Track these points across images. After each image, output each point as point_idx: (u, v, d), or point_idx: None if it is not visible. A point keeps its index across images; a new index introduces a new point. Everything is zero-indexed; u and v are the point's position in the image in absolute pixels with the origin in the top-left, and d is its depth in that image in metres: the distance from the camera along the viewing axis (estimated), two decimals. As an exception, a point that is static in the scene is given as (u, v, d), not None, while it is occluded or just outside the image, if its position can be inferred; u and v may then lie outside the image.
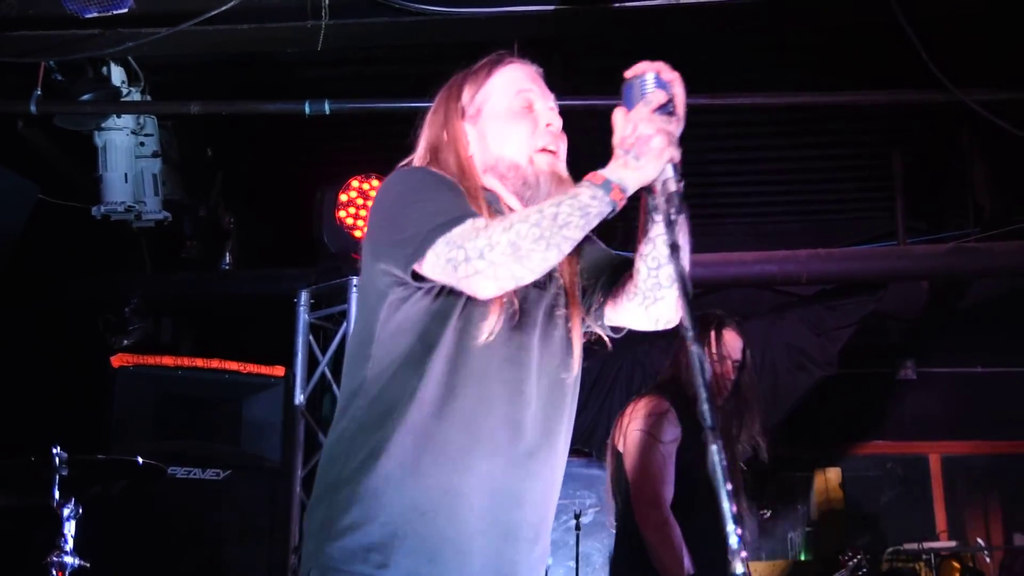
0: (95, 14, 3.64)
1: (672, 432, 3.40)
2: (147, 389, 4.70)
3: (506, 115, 2.16)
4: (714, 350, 3.57)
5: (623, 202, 1.89)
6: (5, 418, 4.99)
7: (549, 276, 2.03)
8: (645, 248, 2.05)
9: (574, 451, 2.06)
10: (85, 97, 4.75)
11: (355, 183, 5.41)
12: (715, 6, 4.09)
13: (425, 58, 5.12)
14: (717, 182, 6.10)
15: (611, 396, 6.56)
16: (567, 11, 4.15)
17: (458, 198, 1.98)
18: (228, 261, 6.11)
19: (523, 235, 1.82)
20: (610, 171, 1.89)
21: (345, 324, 5.14)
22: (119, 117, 5.07)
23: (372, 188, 5.41)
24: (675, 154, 1.89)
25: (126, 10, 3.64)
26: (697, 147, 5.58)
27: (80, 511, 3.42)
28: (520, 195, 2.11)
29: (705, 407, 1.63)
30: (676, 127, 1.93)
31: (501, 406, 1.96)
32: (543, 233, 1.83)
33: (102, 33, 4.24)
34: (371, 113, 4.94)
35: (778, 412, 6.44)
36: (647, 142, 1.88)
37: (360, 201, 5.40)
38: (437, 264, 1.88)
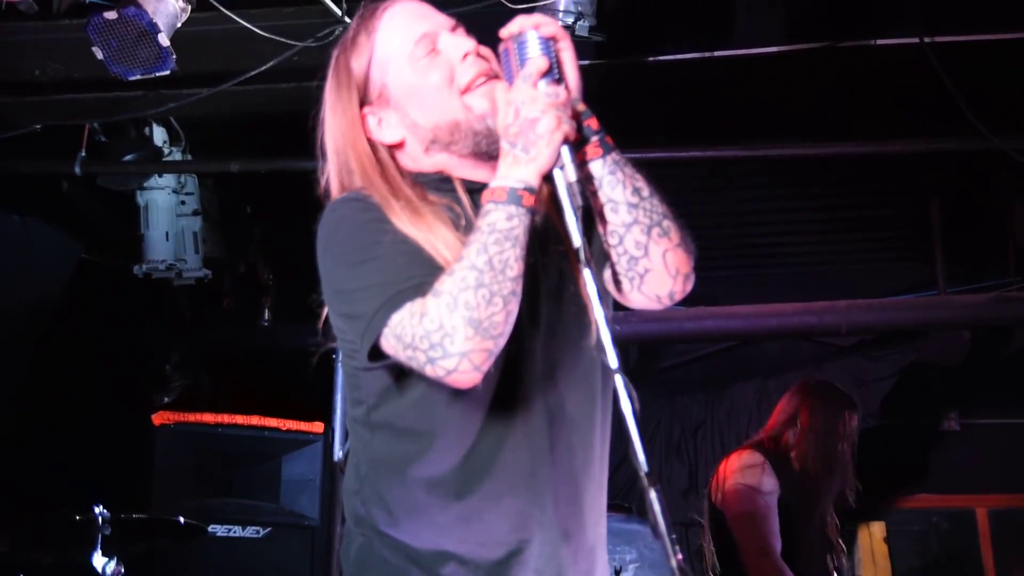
0: (139, 76, 3.70)
1: (770, 484, 3.42)
2: (188, 446, 4.72)
3: (414, 77, 1.78)
4: (841, 431, 3.62)
5: (537, 202, 1.62)
6: (48, 476, 5.02)
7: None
8: (600, 228, 1.73)
9: (613, 506, 1.95)
10: (128, 157, 4.84)
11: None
12: (748, 58, 4.11)
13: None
14: (752, 232, 6.08)
15: (649, 451, 6.50)
16: (600, 65, 4.18)
17: (395, 251, 1.67)
18: (267, 316, 6.15)
19: (473, 305, 1.53)
20: (507, 176, 1.60)
21: (383, 379, 5.14)
22: (161, 176, 5.15)
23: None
24: (569, 131, 1.62)
25: (168, 72, 3.70)
26: (733, 198, 5.58)
27: (122, 570, 3.43)
28: (476, 149, 1.77)
29: (638, 445, 1.54)
30: (567, 97, 1.65)
31: (516, 426, 1.73)
32: (492, 289, 1.54)
33: (145, 95, 4.32)
34: (408, 168, 4.98)
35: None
36: (533, 127, 1.59)
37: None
38: (396, 356, 1.63)
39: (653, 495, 1.50)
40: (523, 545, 1.73)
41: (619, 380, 1.55)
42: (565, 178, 1.61)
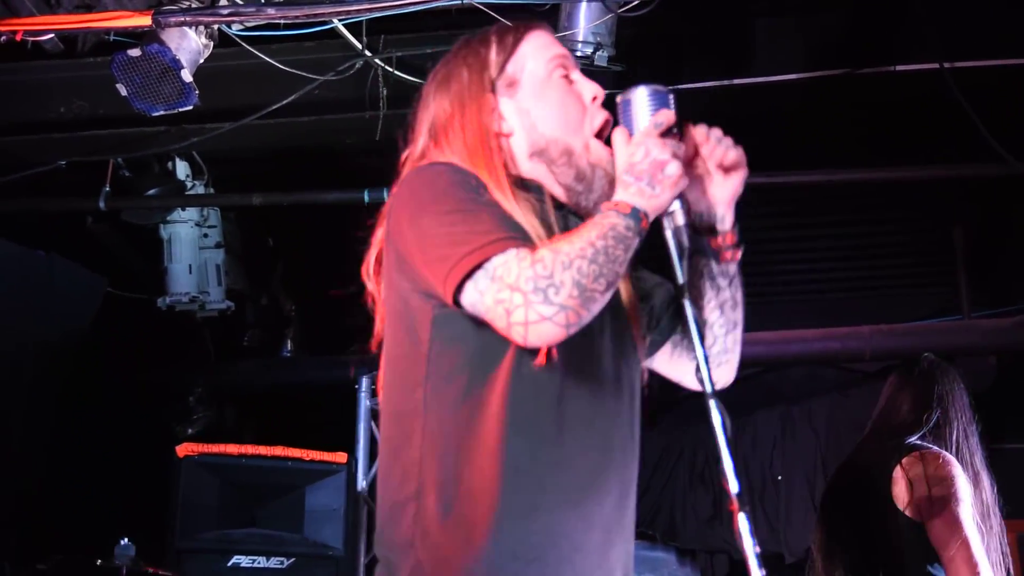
0: (162, 112, 3.74)
1: (969, 491, 3.27)
2: (211, 478, 4.72)
3: (549, 89, 1.89)
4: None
5: (646, 231, 1.70)
6: (74, 508, 5.04)
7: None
8: (711, 315, 1.89)
9: (638, 534, 1.95)
10: (151, 192, 4.88)
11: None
12: (768, 86, 4.11)
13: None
14: (776, 259, 6.07)
15: (674, 478, 6.48)
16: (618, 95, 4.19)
17: (493, 209, 1.72)
18: (289, 348, 6.18)
19: (585, 273, 1.60)
20: (630, 199, 1.68)
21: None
22: (184, 210, 5.19)
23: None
24: (685, 182, 1.72)
25: (191, 107, 3.74)
26: (756, 225, 5.57)
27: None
28: (569, 189, 1.85)
29: (729, 469, 1.60)
30: (684, 152, 1.75)
31: (586, 427, 1.74)
32: (602, 270, 1.61)
33: (168, 130, 4.37)
34: (429, 200, 5.00)
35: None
36: (661, 168, 1.69)
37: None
38: (480, 302, 1.64)
39: (742, 518, 1.55)
40: (581, 544, 1.73)
41: (713, 406, 1.65)
42: (674, 221, 1.73)
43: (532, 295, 1.59)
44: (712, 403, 1.64)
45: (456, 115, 1.87)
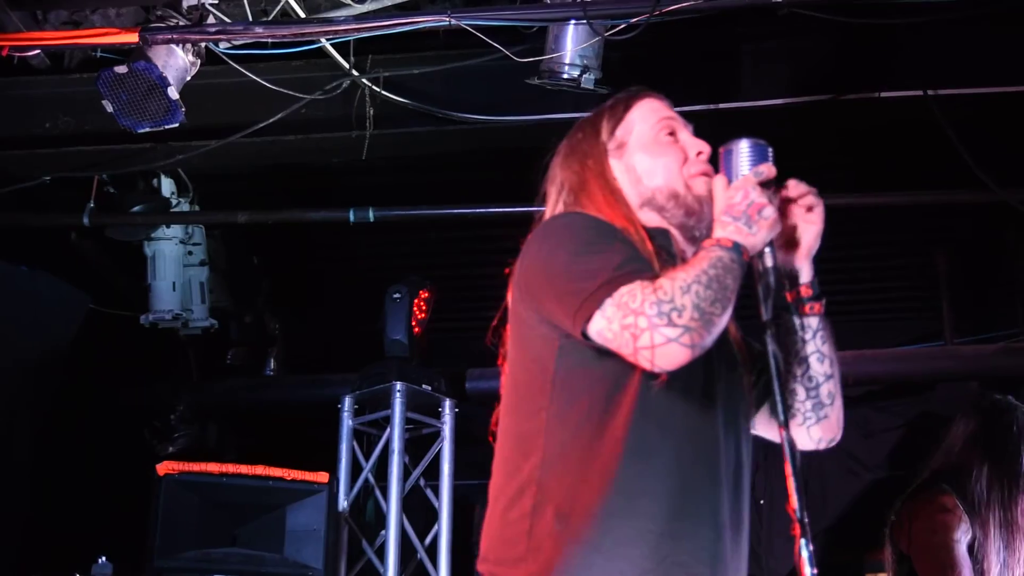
0: (148, 129, 3.74)
1: (964, 528, 3.26)
2: (192, 496, 4.69)
3: (653, 145, 2.06)
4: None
5: (746, 266, 1.83)
6: (54, 525, 5.00)
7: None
8: (799, 368, 2.00)
9: None
10: (136, 209, 4.88)
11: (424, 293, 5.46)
12: (753, 110, 4.13)
13: (468, 165, 5.20)
14: (759, 284, 6.08)
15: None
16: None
17: (624, 248, 1.86)
18: (273, 367, 6.15)
19: (703, 297, 1.71)
20: (731, 236, 1.82)
21: (389, 430, 5.13)
22: (168, 227, 5.18)
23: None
24: (779, 226, 1.87)
25: (177, 124, 3.74)
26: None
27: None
28: (683, 227, 2.01)
29: (795, 498, 1.68)
30: (779, 201, 1.90)
31: (701, 462, 1.84)
32: (717, 296, 1.73)
33: (154, 147, 4.36)
34: (414, 219, 5.01)
35: (827, 517, 6.31)
36: (759, 211, 1.83)
37: (423, 307, 5.45)
38: (608, 330, 1.75)
39: (803, 543, 1.68)
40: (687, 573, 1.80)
41: (784, 435, 1.75)
42: (764, 263, 1.86)
43: (656, 319, 1.70)
44: (783, 433, 1.75)
45: (582, 178, 2.06)
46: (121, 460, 5.48)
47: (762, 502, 6.33)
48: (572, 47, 3.69)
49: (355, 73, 4.17)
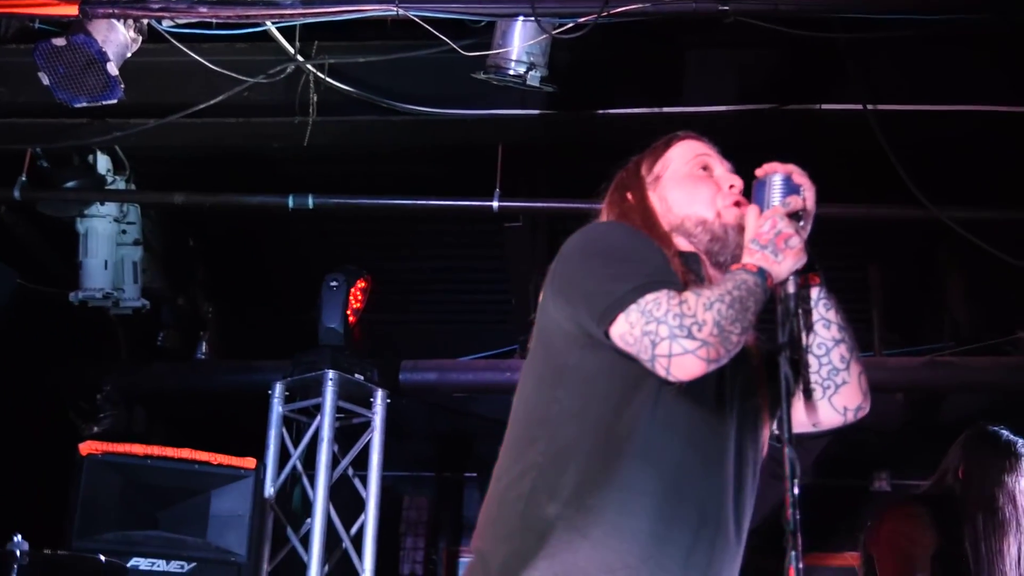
0: (85, 104, 3.67)
1: (928, 537, 3.32)
2: (114, 477, 4.62)
3: (687, 178, 2.16)
4: (1006, 486, 3.47)
5: (770, 290, 1.93)
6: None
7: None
8: (808, 339, 2.07)
9: None
10: (70, 185, 4.79)
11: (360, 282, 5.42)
12: (697, 116, 4.16)
13: (410, 157, 5.18)
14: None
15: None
16: (552, 116, 4.22)
17: (657, 260, 1.96)
18: (204, 351, 6.08)
19: (724, 315, 1.80)
20: (758, 262, 1.92)
21: (319, 418, 5.10)
22: (103, 205, 5.09)
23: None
24: (804, 258, 1.95)
25: (116, 101, 3.67)
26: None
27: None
28: (709, 252, 2.09)
29: (791, 511, 1.76)
30: (805, 233, 2.00)
31: (705, 468, 1.91)
32: (737, 316, 1.82)
33: (90, 123, 4.29)
34: (354, 209, 4.98)
35: (752, 521, 6.38)
36: (786, 240, 1.93)
37: (359, 297, 5.42)
38: (630, 334, 1.83)
39: (793, 556, 1.76)
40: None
41: (787, 452, 1.83)
42: (787, 289, 1.95)
43: (677, 330, 1.79)
44: (787, 450, 1.83)
45: (623, 208, 2.16)
46: (43, 439, 5.39)
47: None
48: (519, 43, 3.69)
49: (300, 59, 4.13)
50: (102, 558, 3.45)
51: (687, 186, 2.15)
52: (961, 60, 4.17)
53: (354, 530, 5.14)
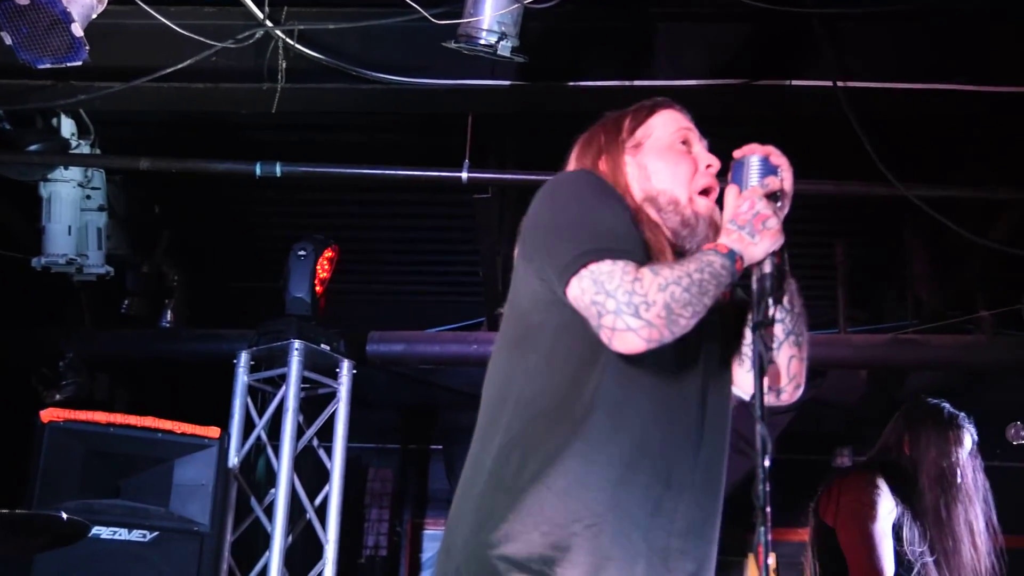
0: (49, 65, 3.60)
1: (887, 507, 3.35)
2: (76, 445, 4.58)
3: (667, 151, 2.15)
4: (952, 456, 3.49)
5: (740, 273, 1.94)
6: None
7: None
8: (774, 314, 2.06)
9: None
10: (33, 147, 4.71)
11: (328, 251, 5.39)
12: (667, 89, 4.14)
13: (379, 126, 5.15)
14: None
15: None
16: (521, 87, 4.19)
17: (621, 223, 1.96)
18: (169, 319, 6.03)
19: (676, 298, 1.82)
20: (730, 243, 1.93)
21: (284, 387, 5.08)
22: (67, 169, 5.02)
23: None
24: (782, 239, 1.96)
25: (80, 63, 3.61)
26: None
27: (-2, 570, 3.31)
28: (676, 233, 2.09)
29: (761, 487, 1.77)
30: (783, 213, 2.01)
31: (669, 420, 1.93)
32: (691, 300, 1.83)
33: (55, 85, 4.22)
34: (322, 177, 4.94)
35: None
36: (763, 221, 1.94)
37: (326, 267, 5.39)
38: (580, 299, 1.86)
39: (762, 531, 1.76)
40: (644, 524, 1.88)
41: (759, 429, 1.83)
42: (763, 269, 1.95)
43: (624, 306, 1.81)
44: (758, 427, 1.84)
45: (597, 165, 2.15)
46: (5, 406, 5.33)
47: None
48: (491, 13, 3.65)
49: (269, 24, 4.07)
50: (64, 515, 3.41)
51: (668, 159, 2.14)
52: (933, 39, 4.18)
53: (318, 501, 5.13)
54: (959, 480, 3.46)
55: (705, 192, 2.13)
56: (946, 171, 5.05)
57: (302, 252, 5.27)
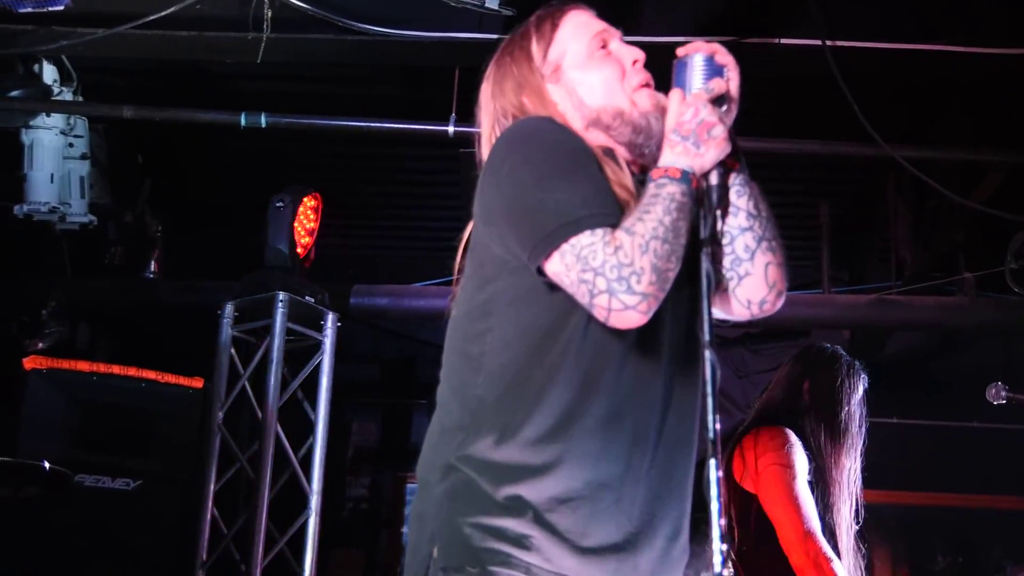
0: (30, 9, 3.57)
1: (803, 462, 3.31)
2: (59, 394, 4.59)
3: (588, 63, 2.00)
4: (845, 399, 3.49)
5: (696, 194, 1.80)
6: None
7: None
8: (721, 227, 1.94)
9: None
10: (14, 94, 4.67)
11: (310, 200, 5.36)
12: (655, 46, 4.10)
13: (365, 78, 5.11)
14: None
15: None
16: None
17: (590, 175, 1.81)
18: (153, 270, 6.01)
19: (660, 254, 1.71)
20: (677, 160, 1.79)
21: (268, 339, 5.07)
22: (48, 116, 4.97)
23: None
24: (728, 147, 1.83)
25: (62, 8, 3.57)
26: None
27: (-20, 516, 3.33)
28: (632, 144, 1.95)
29: (711, 418, 1.68)
30: (731, 117, 1.86)
31: (639, 383, 1.83)
32: (672, 248, 1.72)
33: (36, 30, 4.17)
34: (307, 129, 4.91)
35: (699, 453, 6.48)
36: (708, 129, 1.80)
37: (311, 216, 5.37)
38: (565, 276, 1.73)
39: (713, 463, 1.68)
40: (625, 497, 1.81)
41: (707, 355, 1.73)
42: (710, 181, 1.83)
43: (616, 283, 1.69)
44: (705, 353, 1.73)
45: (523, 110, 1.99)
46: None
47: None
48: (479, -35, 3.63)
49: (256, -28, 4.04)
50: (46, 465, 3.42)
51: (593, 71, 1.99)
52: (921, -1, 4.17)
53: (302, 453, 5.14)
54: (852, 428, 3.46)
55: (641, 87, 1.99)
56: (931, 132, 5.05)
57: (280, 203, 5.24)
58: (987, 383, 3.91)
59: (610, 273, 1.69)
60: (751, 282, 1.95)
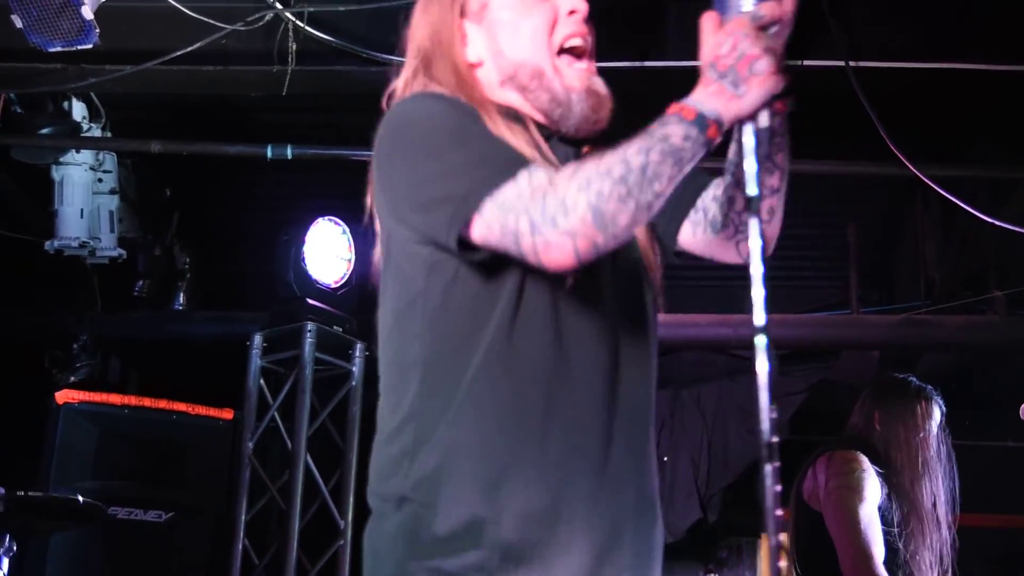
0: (59, 48, 3.61)
1: (874, 488, 3.32)
2: (91, 427, 4.62)
3: (518, 6, 1.74)
4: (920, 428, 3.45)
5: (718, 140, 1.52)
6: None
7: None
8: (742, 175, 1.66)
9: None
10: (44, 131, 4.73)
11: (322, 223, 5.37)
12: (680, 71, 4.14)
13: (390, 108, 5.12)
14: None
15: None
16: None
17: (485, 136, 1.61)
18: (181, 302, 6.05)
19: (606, 195, 1.45)
20: (702, 101, 1.50)
21: (297, 369, 5.08)
22: (78, 152, 5.04)
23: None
24: (779, 84, 1.50)
25: (91, 46, 3.61)
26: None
27: (15, 549, 3.34)
28: (548, 114, 1.73)
29: (765, 420, 1.52)
30: (781, 42, 1.54)
31: (575, 369, 1.63)
32: (630, 190, 1.46)
33: (65, 68, 4.23)
34: (333, 160, 4.94)
35: (727, 476, 6.44)
36: (749, 64, 1.48)
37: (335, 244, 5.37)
38: (490, 233, 1.52)
39: (768, 470, 1.56)
40: (588, 491, 1.65)
41: (762, 342, 1.59)
42: (757, 124, 1.53)
43: (539, 220, 1.48)
44: (762, 339, 1.59)
45: (435, 46, 1.76)
46: (19, 388, 5.36)
47: (666, 459, 6.43)
48: (501, -6, 3.64)
49: (279, 6, 4.08)
50: (80, 499, 3.44)
51: (524, 18, 1.74)
52: (944, 17, 4.16)
53: (333, 482, 5.14)
54: (928, 454, 3.43)
55: (574, 52, 1.75)
56: (958, 150, 5.02)
57: (285, 236, 5.24)
58: (1020, 402, 3.88)
59: (535, 210, 1.48)
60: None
